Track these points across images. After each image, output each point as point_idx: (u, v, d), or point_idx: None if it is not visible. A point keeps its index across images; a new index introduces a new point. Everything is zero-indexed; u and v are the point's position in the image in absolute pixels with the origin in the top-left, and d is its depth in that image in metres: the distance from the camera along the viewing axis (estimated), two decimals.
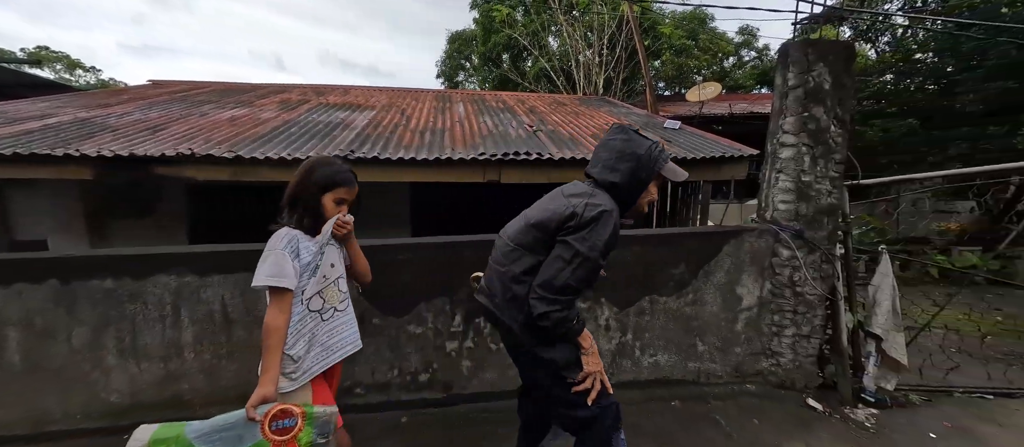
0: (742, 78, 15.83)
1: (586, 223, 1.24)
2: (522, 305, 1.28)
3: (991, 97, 6.81)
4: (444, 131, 4.88)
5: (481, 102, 6.91)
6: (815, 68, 2.39)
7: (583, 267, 1.22)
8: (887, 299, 2.53)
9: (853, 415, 2.44)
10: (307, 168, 1.37)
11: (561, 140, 4.56)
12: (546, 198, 1.44)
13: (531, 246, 1.31)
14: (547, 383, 1.35)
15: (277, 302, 1.23)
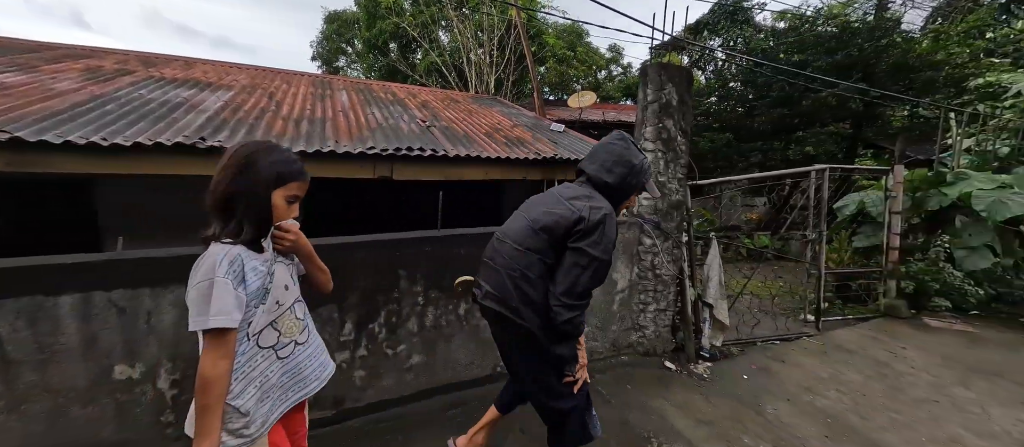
0: (612, 90, 18.09)
1: (594, 227, 1.29)
2: (539, 308, 1.30)
3: (775, 120, 9.19)
4: (325, 121, 4.41)
5: (368, 92, 6.44)
6: (666, 87, 2.89)
7: (599, 270, 1.30)
8: (716, 275, 3.23)
9: (695, 369, 3.05)
10: (244, 157, 1.02)
11: (455, 137, 4.56)
12: (547, 200, 1.46)
13: (539, 250, 1.33)
14: (547, 376, 1.41)
15: (216, 345, 0.94)
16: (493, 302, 1.39)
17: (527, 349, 1.40)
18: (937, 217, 4.51)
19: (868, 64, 7.92)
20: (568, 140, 4.89)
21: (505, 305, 1.35)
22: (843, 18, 9.02)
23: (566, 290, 1.27)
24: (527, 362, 1.44)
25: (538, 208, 1.45)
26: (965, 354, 3.37)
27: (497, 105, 7.29)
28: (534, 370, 1.44)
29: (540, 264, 1.33)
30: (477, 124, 5.33)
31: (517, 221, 1.48)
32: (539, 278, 1.32)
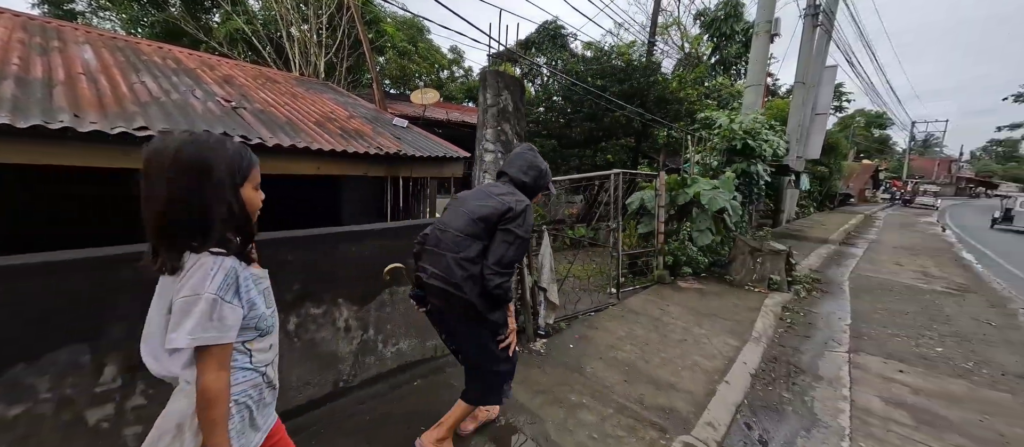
0: (455, 90, 18.55)
1: (519, 214, 1.68)
2: (478, 280, 1.61)
3: (586, 131, 11.15)
4: (52, 85, 3.07)
5: (132, 53, 4.77)
6: (503, 93, 3.15)
7: (522, 246, 1.69)
8: (548, 262, 3.72)
9: (533, 347, 3.45)
10: (200, 158, 0.91)
11: (276, 124, 3.85)
12: (477, 196, 1.79)
13: (478, 235, 1.66)
14: (486, 340, 1.74)
15: (216, 358, 0.90)
16: (440, 282, 1.67)
17: (469, 319, 1.70)
18: (683, 209, 6.34)
19: (643, 94, 10.46)
20: (412, 136, 4.77)
21: (451, 283, 1.64)
22: (628, 56, 11.63)
23: (497, 261, 1.62)
24: (470, 332, 1.75)
25: (472, 203, 1.77)
26: (699, 304, 4.86)
27: (329, 91, 6.49)
28: (476, 337, 1.75)
29: (478, 246, 1.66)
30: (304, 111, 4.63)
31: (455, 214, 1.78)
32: (477, 256, 1.65)
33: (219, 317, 0.89)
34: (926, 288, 6.49)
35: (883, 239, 11.97)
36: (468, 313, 1.67)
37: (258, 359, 1.05)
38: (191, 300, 0.87)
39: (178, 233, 0.91)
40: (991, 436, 2.66)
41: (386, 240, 2.71)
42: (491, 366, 1.80)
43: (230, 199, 0.95)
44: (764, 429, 2.64)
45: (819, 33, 11.86)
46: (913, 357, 3.85)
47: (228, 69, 5.65)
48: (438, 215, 6.02)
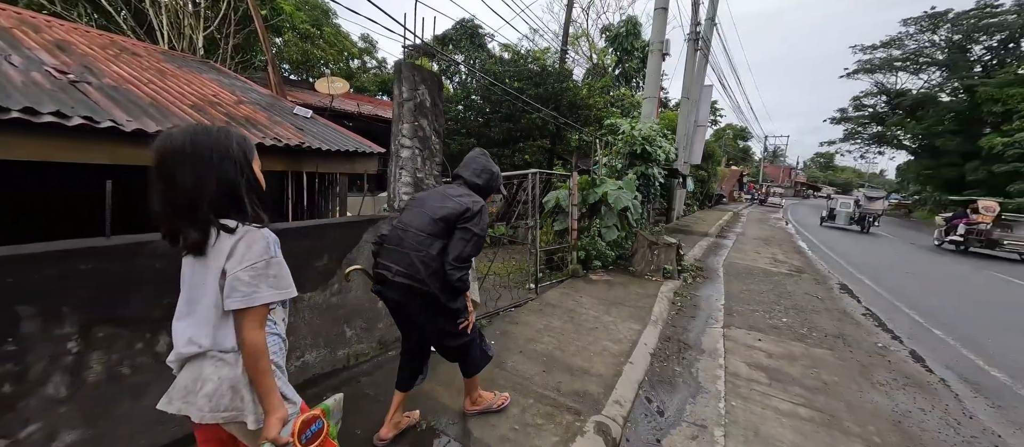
0: (367, 82, 17.37)
1: (476, 214, 1.84)
2: (439, 276, 1.77)
3: (505, 131, 11.37)
4: None
5: None
6: (420, 87, 3.05)
7: (478, 242, 1.85)
8: None
9: None
10: (220, 141, 1.04)
11: (137, 104, 3.18)
12: (435, 198, 1.93)
13: (438, 234, 1.81)
14: (447, 325, 1.93)
15: (259, 318, 1.02)
16: (404, 278, 1.79)
17: (431, 310, 1.87)
18: (593, 208, 6.86)
19: (557, 99, 11.04)
20: (318, 128, 4.34)
21: (415, 279, 1.78)
22: (542, 61, 12.16)
23: (457, 257, 1.78)
24: (431, 320, 1.91)
25: (431, 204, 1.91)
26: (607, 294, 5.30)
27: (211, 72, 5.56)
28: (435, 324, 1.93)
29: (439, 244, 1.81)
30: (177, 91, 3.90)
31: (415, 215, 1.91)
32: (438, 254, 1.80)
33: (285, 276, 1.09)
34: (775, 271, 8.00)
35: (746, 232, 14.44)
36: (431, 305, 1.85)
37: (279, 327, 1.18)
38: (261, 266, 1.02)
39: (213, 212, 1.02)
40: (818, 384, 3.40)
41: (290, 242, 2.43)
42: (458, 343, 2.05)
43: (249, 175, 1.09)
44: (661, 400, 3.00)
45: (699, 56, 13.84)
46: (767, 327, 4.72)
47: (62, 33, 4.49)
48: (350, 214, 5.60)
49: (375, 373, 2.85)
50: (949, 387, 3.52)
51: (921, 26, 26.91)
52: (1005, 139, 20.36)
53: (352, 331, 2.87)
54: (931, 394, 3.37)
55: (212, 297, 1.04)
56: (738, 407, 2.97)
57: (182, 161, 0.99)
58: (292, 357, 2.52)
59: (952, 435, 2.80)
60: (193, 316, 1.07)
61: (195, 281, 1.07)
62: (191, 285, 1.08)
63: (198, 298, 1.06)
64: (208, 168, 1.01)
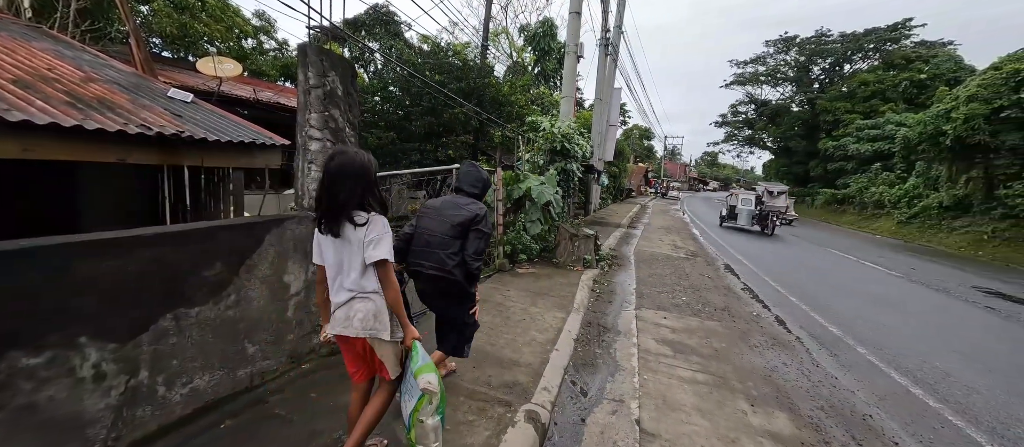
0: (266, 66, 15.37)
1: (483, 217, 2.36)
2: (460, 267, 2.30)
3: (426, 126, 11.01)
4: None
5: None
6: (330, 74, 2.78)
7: (488, 238, 2.38)
8: None
9: None
10: (364, 164, 1.65)
11: None
12: (449, 207, 2.40)
13: (457, 236, 2.32)
14: (465, 309, 2.48)
15: (391, 267, 1.66)
16: (436, 271, 2.29)
17: (456, 296, 2.40)
18: (517, 203, 7.01)
19: (480, 94, 11.01)
20: (202, 115, 3.69)
21: (443, 270, 2.28)
22: (463, 55, 12.01)
23: (475, 252, 2.32)
24: (455, 304, 2.45)
25: (447, 213, 2.38)
26: (533, 286, 5.48)
27: (44, 39, 4.37)
28: (457, 308, 2.47)
29: (458, 243, 2.32)
30: None
31: (436, 222, 2.37)
32: (459, 251, 2.31)
33: (392, 244, 1.66)
34: (675, 256, 9.05)
35: (652, 222, 16.08)
36: (456, 291, 2.37)
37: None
38: (384, 234, 1.63)
39: (362, 202, 1.63)
40: (711, 351, 3.93)
41: (164, 249, 2.04)
42: (466, 325, 2.54)
43: (375, 183, 1.68)
44: (584, 382, 3.19)
45: (609, 61, 14.94)
46: (670, 306, 5.32)
47: None
48: (248, 214, 4.91)
49: (285, 390, 2.55)
50: (803, 343, 4.34)
51: (778, 47, 32.55)
52: (834, 143, 25.74)
53: (255, 347, 2.53)
54: (791, 350, 4.12)
55: (358, 260, 1.63)
56: (649, 380, 3.29)
57: (341, 179, 1.61)
58: (176, 383, 2.14)
59: (805, 382, 3.46)
60: (342, 275, 1.68)
61: (342, 253, 1.66)
62: (337, 256, 1.67)
63: (345, 263, 1.67)
64: (353, 183, 1.62)
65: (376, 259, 1.59)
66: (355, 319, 1.64)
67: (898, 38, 27.69)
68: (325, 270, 1.73)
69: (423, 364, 1.67)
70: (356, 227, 1.60)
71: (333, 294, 1.72)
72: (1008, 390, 3.50)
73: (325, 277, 1.75)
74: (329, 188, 1.61)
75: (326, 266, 1.72)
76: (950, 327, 5.18)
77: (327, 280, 1.73)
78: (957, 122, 14.09)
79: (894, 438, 2.75)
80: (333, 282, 1.71)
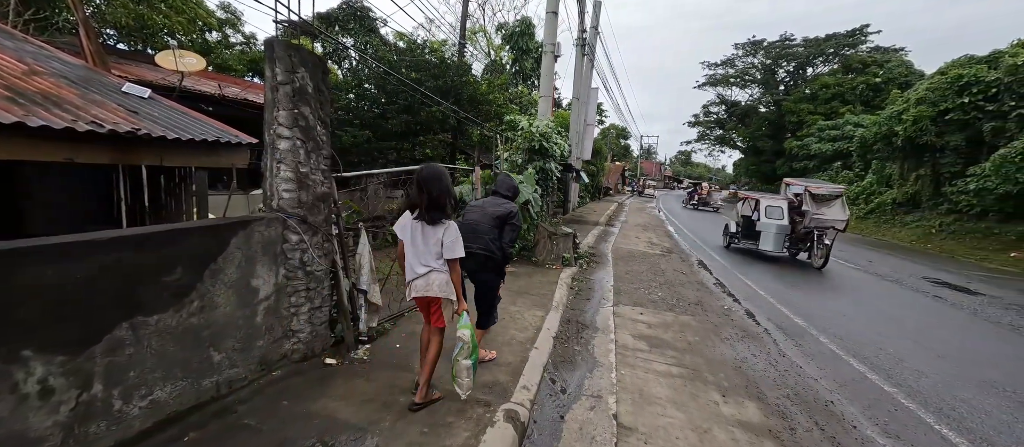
0: (232, 60, 14.70)
1: (516, 213, 3.07)
2: (500, 249, 2.98)
3: (402, 124, 10.82)
4: None
5: None
6: (299, 70, 2.69)
7: (518, 229, 3.12)
8: (367, 262, 3.44)
9: (355, 355, 3.15)
10: (443, 171, 2.38)
11: None
12: (490, 205, 3.10)
13: (497, 227, 2.99)
14: (499, 281, 3.12)
15: (458, 263, 2.40)
16: (483, 251, 2.91)
17: (494, 270, 3.03)
18: None
19: (457, 92, 10.91)
20: (161, 111, 3.48)
21: (490, 251, 2.94)
22: (440, 53, 11.87)
23: (510, 240, 3.03)
24: (493, 276, 3.06)
25: (489, 209, 3.05)
26: (513, 284, 5.48)
27: None
28: (494, 279, 3.08)
29: (497, 232, 2.98)
30: None
31: (481, 216, 3.04)
32: (498, 237, 2.98)
33: (461, 244, 2.37)
34: (651, 253, 9.26)
35: (629, 220, 16.40)
36: (495, 267, 3.02)
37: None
38: (457, 237, 2.32)
39: (444, 207, 2.31)
40: (685, 345, 4.04)
41: (120, 254, 1.92)
42: (496, 297, 3.16)
43: (452, 192, 2.39)
44: (564, 379, 3.22)
45: (586, 61, 15.11)
46: (647, 302, 5.44)
47: None
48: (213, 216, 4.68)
49: (255, 399, 2.45)
50: (770, 335, 4.54)
51: (746, 51, 33.79)
52: (798, 142, 26.98)
53: (222, 354, 2.42)
54: (759, 341, 4.29)
55: (436, 248, 2.32)
56: (627, 375, 3.36)
57: (436, 181, 2.31)
58: (134, 396, 2.02)
59: (773, 371, 3.61)
60: (422, 254, 2.35)
61: (425, 238, 2.33)
62: (421, 239, 2.34)
63: (425, 247, 2.34)
64: (437, 188, 2.29)
65: (451, 257, 2.33)
66: (434, 286, 2.35)
67: (855, 43, 29.29)
68: (405, 245, 2.42)
69: (464, 324, 2.39)
70: (436, 226, 2.31)
71: (411, 265, 2.40)
72: (953, 373, 3.77)
73: (404, 251, 2.44)
74: (425, 188, 2.28)
75: (407, 243, 2.40)
76: (903, 315, 5.53)
77: (406, 252, 2.42)
78: (907, 123, 15.04)
79: (853, 422, 2.91)
80: (411, 256, 2.40)
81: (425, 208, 2.29)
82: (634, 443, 2.50)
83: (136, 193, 3.51)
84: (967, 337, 4.78)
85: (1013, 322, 5.34)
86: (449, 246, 2.30)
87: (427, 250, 2.34)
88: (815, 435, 2.71)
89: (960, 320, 5.44)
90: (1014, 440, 2.77)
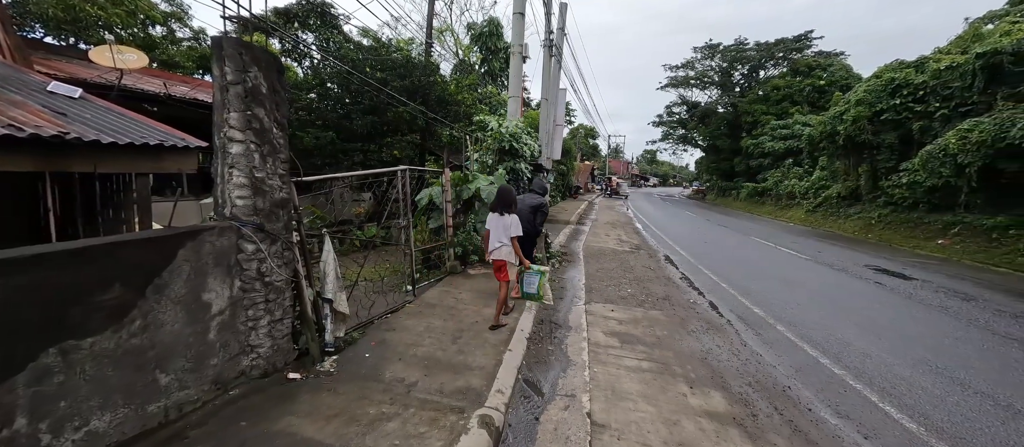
0: (180, 57, 13.71)
1: (545, 205, 5.54)
2: (536, 227, 5.24)
3: (368, 125, 10.49)
4: None
5: None
6: (251, 69, 2.53)
7: (546, 216, 5.62)
8: (332, 269, 3.30)
9: (322, 368, 3.01)
10: (509, 189, 4.22)
11: None
12: (529, 199, 5.28)
13: (534, 214, 5.16)
14: (534, 244, 5.51)
15: (518, 237, 3.99)
16: (529, 227, 4.73)
17: (533, 239, 5.32)
18: (467, 203, 6.92)
19: (425, 92, 10.71)
20: (93, 112, 3.16)
21: (534, 227, 5.12)
22: (407, 52, 11.61)
23: (541, 222, 5.44)
24: (532, 246, 5.29)
25: (527, 202, 5.15)
26: (486, 287, 5.44)
27: None
28: (530, 244, 5.18)
29: (532, 216, 5.08)
30: None
31: (522, 206, 4.74)
32: (533, 219, 5.09)
33: (519, 227, 4.08)
34: (620, 250, 9.49)
35: (599, 218, 16.73)
36: (535, 236, 5.23)
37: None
38: (516, 223, 3.99)
39: (509, 206, 4.05)
40: (654, 339, 4.16)
41: (45, 272, 1.73)
42: (532, 250, 5.22)
43: (514, 196, 4.29)
44: (538, 379, 3.23)
45: (553, 62, 15.27)
46: (617, 299, 5.56)
47: None
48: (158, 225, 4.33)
49: (209, 422, 2.28)
50: (733, 326, 4.75)
51: (704, 54, 35.34)
52: (753, 141, 28.55)
53: (170, 376, 2.23)
54: (723, 333, 4.48)
55: (506, 230, 3.95)
56: (599, 372, 3.41)
57: (505, 193, 4.17)
58: (65, 429, 1.82)
59: (736, 361, 3.78)
60: (499, 234, 3.98)
61: (500, 225, 3.98)
62: (500, 226, 3.98)
63: (500, 230, 3.98)
64: (507, 198, 4.10)
65: (514, 235, 3.90)
66: (503, 253, 3.91)
67: (802, 48, 31.32)
68: (490, 230, 4.05)
69: (537, 270, 4.19)
70: (504, 216, 3.95)
71: (493, 241, 4.00)
72: (892, 353, 4.09)
73: (488, 234, 4.06)
74: (499, 197, 4.11)
75: (491, 229, 4.04)
76: (849, 302, 5.96)
77: (491, 233, 4.03)
78: (848, 123, 16.25)
79: (808, 405, 3.10)
80: (493, 236, 4.01)
81: (499, 207, 4.00)
82: (607, 440, 2.54)
83: (68, 203, 3.19)
84: (903, 319, 5.21)
85: (941, 303, 5.88)
86: (512, 227, 3.91)
87: (503, 231, 3.94)
88: (775, 420, 2.86)
89: (897, 304, 5.93)
90: (946, 413, 3.04)
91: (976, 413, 3.04)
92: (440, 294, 5.04)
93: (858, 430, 2.82)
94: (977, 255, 9.74)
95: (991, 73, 11.77)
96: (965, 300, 6.06)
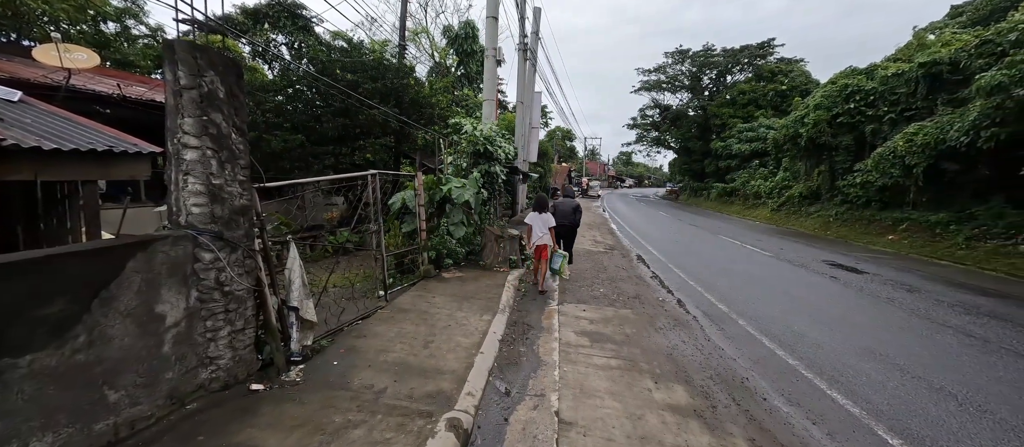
0: (135, 56, 13.01)
1: (580, 208, 7.49)
2: (577, 222, 7.37)
3: (339, 128, 10.28)
4: None
5: None
6: (207, 74, 2.47)
7: (580, 214, 7.50)
8: (298, 277, 3.23)
9: (287, 378, 2.95)
10: (544, 197, 6.30)
11: None
12: (568, 203, 7.36)
13: (575, 213, 7.28)
14: (574, 239, 7.70)
15: (553, 230, 6.01)
16: (569, 223, 7.19)
17: (573, 233, 7.47)
18: (440, 206, 6.90)
19: (399, 95, 10.60)
20: (34, 116, 2.98)
21: (573, 223, 7.28)
22: (380, 54, 11.46)
23: (579, 219, 7.41)
24: (572, 238, 7.53)
25: (568, 204, 7.34)
26: (460, 290, 5.44)
27: None
28: (572, 237, 7.50)
29: (574, 214, 7.27)
30: None
31: (565, 205, 7.30)
32: (574, 216, 7.26)
33: (554, 221, 6.13)
34: (595, 250, 9.67)
35: None
36: (573, 233, 7.42)
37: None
38: (551, 218, 6.01)
39: (546, 206, 6.03)
40: (623, 337, 4.28)
41: None
42: (572, 243, 7.59)
43: (549, 202, 6.42)
44: (508, 381, 3.26)
45: (528, 66, 15.42)
46: (589, 298, 5.67)
47: None
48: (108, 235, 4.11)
49: (163, 438, 2.20)
50: (698, 322, 4.94)
51: (675, 59, 36.47)
52: (722, 143, 29.68)
53: (120, 392, 2.14)
54: (689, 328, 4.66)
55: (545, 225, 5.84)
56: (569, 371, 3.48)
57: (542, 196, 6.26)
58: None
59: (699, 355, 3.94)
60: (541, 228, 5.83)
61: (541, 221, 5.85)
62: (541, 221, 5.85)
63: (541, 223, 5.85)
64: (545, 201, 6.09)
65: (551, 226, 5.82)
66: (545, 238, 5.77)
67: (765, 54, 32.81)
68: (533, 226, 5.86)
69: (561, 253, 6.08)
70: (543, 214, 5.85)
71: (536, 233, 5.81)
72: (842, 343, 4.37)
73: (531, 229, 5.87)
74: (540, 203, 5.99)
75: (533, 224, 5.86)
76: (806, 295, 6.30)
77: (533, 228, 5.85)
78: (808, 126, 17.16)
79: (764, 395, 3.27)
80: (535, 230, 5.82)
81: (539, 209, 5.81)
82: (574, 437, 2.60)
83: (5, 213, 3.00)
84: (854, 311, 5.56)
85: (889, 295, 6.31)
86: (549, 221, 5.74)
87: (543, 225, 5.75)
88: (733, 410, 3.00)
89: (849, 297, 6.32)
90: (887, 397, 3.28)
91: (912, 396, 3.29)
92: (413, 299, 5.01)
93: (807, 417, 3.00)
94: (923, 249, 10.49)
95: (932, 81, 12.72)
96: (909, 292, 6.51)
